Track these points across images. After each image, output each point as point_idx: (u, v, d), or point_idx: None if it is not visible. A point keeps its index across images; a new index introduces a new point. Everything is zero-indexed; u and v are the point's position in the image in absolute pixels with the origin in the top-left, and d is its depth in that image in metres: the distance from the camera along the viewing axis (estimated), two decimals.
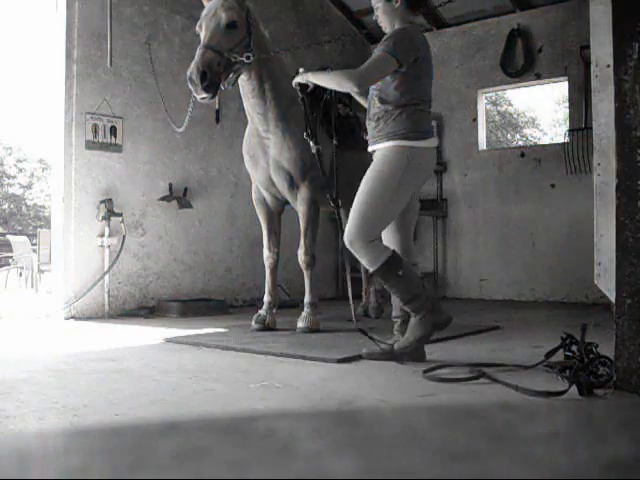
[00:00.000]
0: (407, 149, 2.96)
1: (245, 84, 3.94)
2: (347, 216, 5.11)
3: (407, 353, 3.01)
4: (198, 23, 3.70)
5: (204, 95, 3.52)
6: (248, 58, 3.68)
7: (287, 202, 4.31)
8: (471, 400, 2.32)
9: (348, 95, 4.04)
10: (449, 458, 0.44)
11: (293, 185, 4.12)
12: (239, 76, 3.83)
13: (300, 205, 4.14)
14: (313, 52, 6.96)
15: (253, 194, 4.41)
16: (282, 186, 4.14)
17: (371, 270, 3.01)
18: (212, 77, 3.48)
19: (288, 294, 6.31)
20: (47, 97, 14.94)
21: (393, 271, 2.94)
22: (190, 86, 3.51)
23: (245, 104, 4.07)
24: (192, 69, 3.46)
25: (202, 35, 3.63)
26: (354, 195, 4.70)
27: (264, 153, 4.13)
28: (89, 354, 3.40)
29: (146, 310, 5.47)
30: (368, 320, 4.83)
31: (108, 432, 0.51)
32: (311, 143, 3.72)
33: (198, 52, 3.51)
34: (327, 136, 4.18)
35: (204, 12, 3.71)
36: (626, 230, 2.21)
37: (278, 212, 4.40)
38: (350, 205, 5.46)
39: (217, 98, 4.98)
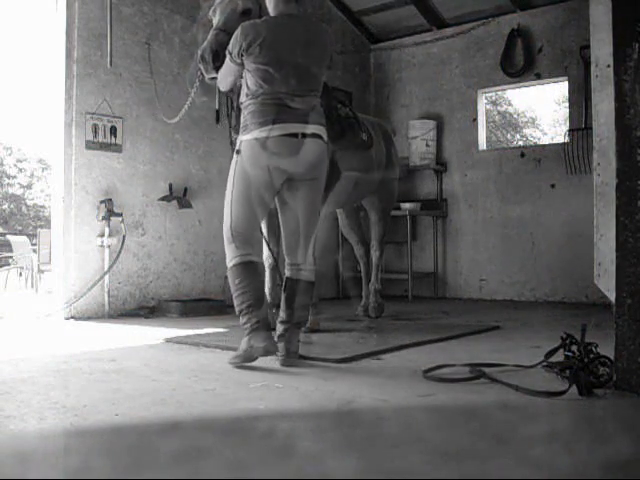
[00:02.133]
0: (238, 144, 3.10)
1: None
2: (346, 215, 5.15)
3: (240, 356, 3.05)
4: (212, 8, 3.68)
5: (214, 75, 3.50)
6: None
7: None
8: (471, 400, 2.32)
9: (347, 95, 4.07)
10: (449, 458, 0.44)
11: None
12: None
13: None
14: None
15: None
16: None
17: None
18: (224, 59, 3.47)
19: None
20: (47, 97, 14.93)
21: (233, 278, 3.06)
22: (200, 65, 3.47)
23: None
24: (205, 47, 3.42)
25: (215, 19, 3.61)
26: (353, 194, 4.72)
27: None
28: (89, 354, 3.40)
29: (146, 310, 5.47)
30: (368, 320, 4.84)
31: (108, 432, 0.51)
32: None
33: (211, 33, 3.47)
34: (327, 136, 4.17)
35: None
36: (626, 230, 2.21)
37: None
38: (349, 204, 5.44)
39: (217, 97, 4.96)
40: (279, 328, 3.14)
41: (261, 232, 3.67)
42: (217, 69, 3.44)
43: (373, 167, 4.62)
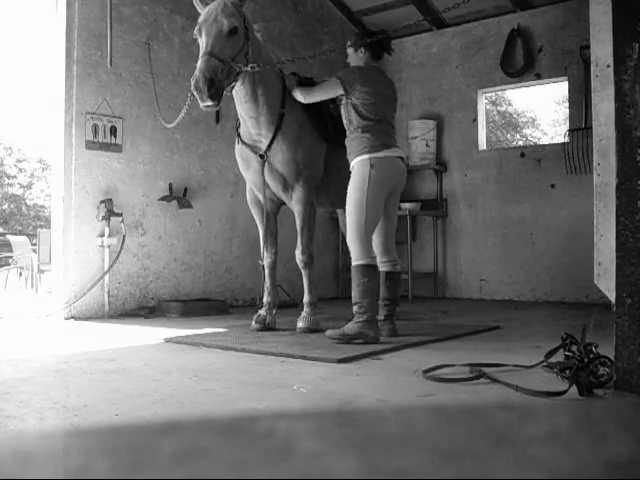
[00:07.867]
0: (369, 160, 3.63)
1: (239, 88, 3.91)
2: (343, 213, 5.13)
3: (338, 339, 3.59)
4: (196, 28, 3.66)
5: (209, 103, 3.49)
6: (253, 68, 3.68)
7: (283, 203, 4.32)
8: (471, 400, 2.32)
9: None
10: (449, 458, 0.44)
11: (287, 186, 4.12)
12: (237, 82, 3.82)
13: (295, 205, 4.14)
14: (313, 53, 6.95)
15: (247, 196, 4.42)
16: (276, 188, 4.14)
17: (352, 263, 3.65)
18: (218, 85, 3.46)
19: (288, 294, 6.31)
20: (47, 97, 14.93)
21: (361, 276, 3.57)
22: (195, 94, 3.47)
23: (238, 108, 4.06)
24: (198, 77, 3.41)
25: (203, 41, 3.58)
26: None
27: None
28: (89, 354, 3.40)
29: (146, 310, 5.47)
30: None
31: (108, 432, 0.51)
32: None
33: (202, 59, 3.47)
34: (320, 136, 4.18)
35: (202, 17, 3.66)
36: (626, 230, 2.21)
37: (274, 213, 4.40)
38: (344, 202, 5.52)
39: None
40: (384, 311, 3.82)
41: None
42: (212, 97, 3.43)
43: None
